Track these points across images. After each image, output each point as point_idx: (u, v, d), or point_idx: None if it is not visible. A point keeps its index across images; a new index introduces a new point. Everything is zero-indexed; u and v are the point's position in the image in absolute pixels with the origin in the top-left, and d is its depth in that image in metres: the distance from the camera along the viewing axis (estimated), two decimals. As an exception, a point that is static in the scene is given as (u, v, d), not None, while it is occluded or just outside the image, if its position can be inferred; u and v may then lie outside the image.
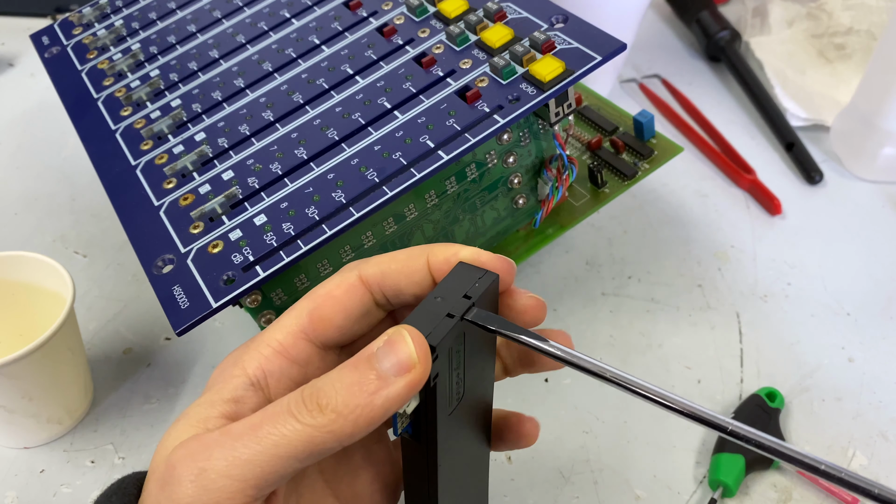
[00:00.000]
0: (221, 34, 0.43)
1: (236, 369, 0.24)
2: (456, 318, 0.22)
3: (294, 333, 0.25)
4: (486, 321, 0.23)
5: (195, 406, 0.24)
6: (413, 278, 0.25)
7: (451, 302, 0.23)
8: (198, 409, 0.24)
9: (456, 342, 0.23)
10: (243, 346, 0.26)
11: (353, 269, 0.25)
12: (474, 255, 0.25)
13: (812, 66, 0.60)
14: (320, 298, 0.25)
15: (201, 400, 0.24)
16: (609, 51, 0.34)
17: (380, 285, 0.25)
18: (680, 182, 0.52)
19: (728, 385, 0.40)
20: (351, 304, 0.25)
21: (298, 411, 0.21)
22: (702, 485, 0.37)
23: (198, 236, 0.33)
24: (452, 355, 0.23)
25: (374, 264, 0.25)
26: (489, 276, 0.24)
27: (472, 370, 0.25)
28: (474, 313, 0.23)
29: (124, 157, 0.37)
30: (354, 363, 0.22)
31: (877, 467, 0.37)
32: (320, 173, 0.34)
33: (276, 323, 0.26)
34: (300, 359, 0.25)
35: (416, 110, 0.35)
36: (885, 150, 0.50)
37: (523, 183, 0.39)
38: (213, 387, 0.25)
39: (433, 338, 0.21)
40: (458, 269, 0.24)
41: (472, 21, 0.38)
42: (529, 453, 0.38)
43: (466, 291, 0.23)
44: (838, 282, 0.45)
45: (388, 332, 0.22)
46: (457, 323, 0.22)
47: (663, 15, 0.68)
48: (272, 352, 0.25)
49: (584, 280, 0.46)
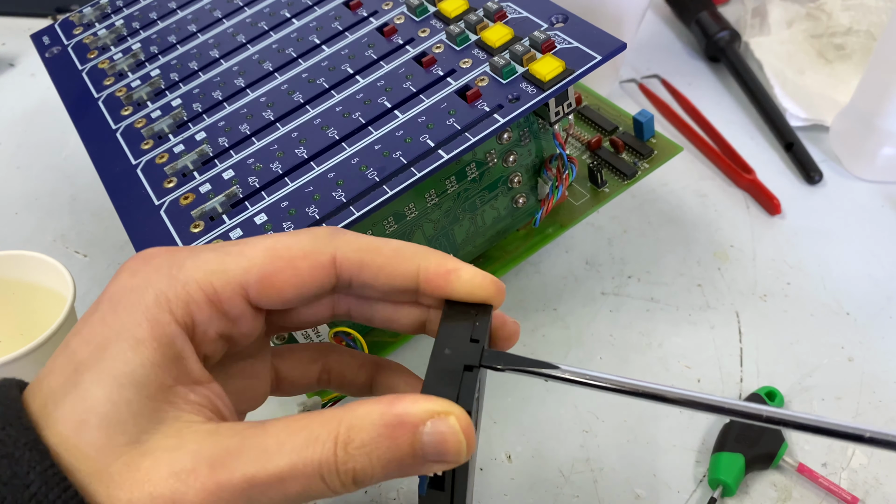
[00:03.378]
0: (222, 34, 0.43)
1: (157, 306, 0.21)
2: (476, 371, 0.21)
3: (234, 288, 0.22)
4: (499, 362, 0.22)
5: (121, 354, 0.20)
6: (394, 280, 0.23)
7: (462, 351, 0.22)
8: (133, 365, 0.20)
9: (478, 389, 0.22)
10: (164, 270, 0.22)
11: (330, 244, 0.23)
12: (472, 276, 0.23)
13: (811, 66, 0.60)
14: (279, 263, 0.22)
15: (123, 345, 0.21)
16: (609, 50, 0.34)
17: (352, 274, 0.23)
18: (680, 182, 0.52)
19: (728, 384, 0.40)
20: (311, 282, 0.23)
21: (329, 475, 0.20)
22: (702, 484, 0.37)
23: (198, 235, 0.33)
24: (476, 402, 0.22)
25: (355, 249, 0.23)
26: (484, 311, 0.23)
27: (478, 412, 0.24)
28: (486, 356, 0.22)
29: (125, 157, 0.37)
30: (392, 435, 0.20)
31: (876, 467, 0.37)
32: (321, 172, 0.34)
33: (217, 260, 0.22)
34: (231, 314, 0.23)
35: (417, 110, 0.35)
36: (884, 150, 0.50)
37: (523, 182, 0.40)
38: (128, 315, 0.21)
39: (464, 402, 0.20)
40: (449, 310, 0.23)
41: (472, 21, 0.38)
42: (529, 453, 0.38)
43: (471, 334, 0.22)
44: (838, 281, 0.45)
45: (432, 408, 0.20)
46: (477, 374, 0.21)
47: (663, 15, 0.68)
48: (204, 298, 0.22)
49: (584, 279, 0.46)
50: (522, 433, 0.39)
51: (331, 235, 0.23)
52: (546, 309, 0.44)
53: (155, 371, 0.21)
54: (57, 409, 0.20)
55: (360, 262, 0.23)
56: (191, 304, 0.22)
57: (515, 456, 0.38)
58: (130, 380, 0.20)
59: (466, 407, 0.20)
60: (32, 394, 0.21)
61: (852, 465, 0.37)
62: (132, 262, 0.23)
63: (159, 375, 0.21)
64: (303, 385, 0.28)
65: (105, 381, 0.20)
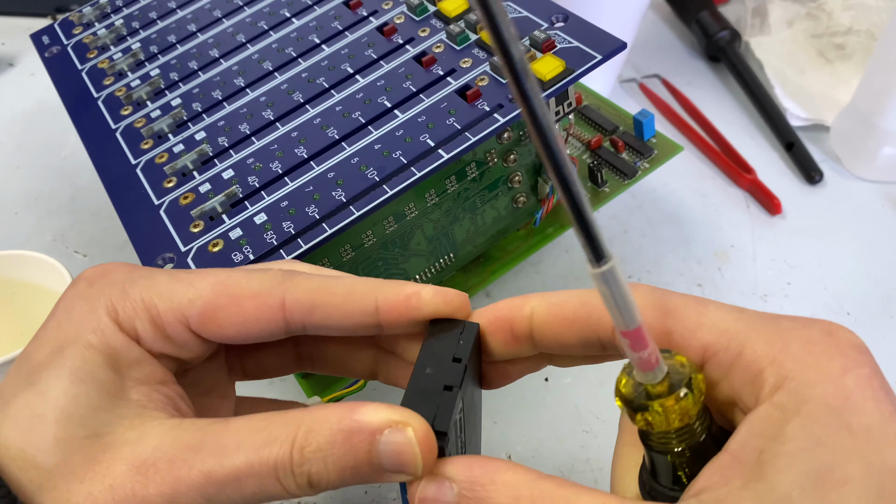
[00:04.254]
0: (222, 33, 0.43)
1: (107, 315, 0.22)
2: (456, 390, 0.21)
3: (175, 314, 0.22)
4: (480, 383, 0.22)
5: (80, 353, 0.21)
6: (351, 319, 0.22)
7: (443, 370, 0.21)
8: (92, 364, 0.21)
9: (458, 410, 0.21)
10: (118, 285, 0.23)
11: (280, 286, 0.22)
12: (435, 295, 0.22)
13: (812, 66, 0.60)
14: (224, 299, 0.22)
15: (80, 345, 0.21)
16: (609, 50, 0.34)
17: (303, 317, 0.22)
18: (680, 181, 0.52)
19: (728, 384, 0.40)
20: (256, 323, 0.22)
21: (284, 477, 0.20)
22: (702, 484, 0.37)
23: (198, 235, 0.33)
24: (457, 424, 0.21)
25: (305, 291, 0.22)
26: (470, 328, 0.22)
27: (469, 420, 0.23)
28: (468, 376, 0.21)
29: (124, 157, 0.37)
30: (349, 441, 0.19)
31: (877, 466, 0.37)
32: (320, 172, 0.34)
33: (167, 285, 0.23)
34: (174, 339, 0.23)
35: (417, 109, 0.35)
36: (884, 149, 0.50)
37: (523, 182, 0.39)
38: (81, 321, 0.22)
39: (440, 422, 0.20)
40: (433, 328, 0.22)
41: (472, 20, 0.38)
42: (530, 452, 0.38)
43: (454, 353, 0.22)
44: (838, 282, 0.45)
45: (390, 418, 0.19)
46: (458, 394, 0.21)
47: (663, 15, 0.68)
48: (148, 318, 0.22)
49: (584, 279, 0.46)
50: (522, 433, 0.39)
51: (283, 277, 0.23)
52: (546, 309, 0.44)
53: (114, 369, 0.21)
54: (9, 406, 0.20)
55: (310, 305, 0.22)
56: (136, 321, 0.22)
57: (515, 456, 0.38)
58: (90, 376, 0.21)
59: (441, 428, 0.20)
60: None
61: (853, 465, 0.37)
62: (89, 273, 0.24)
63: (120, 373, 0.21)
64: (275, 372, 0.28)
65: (63, 377, 0.20)
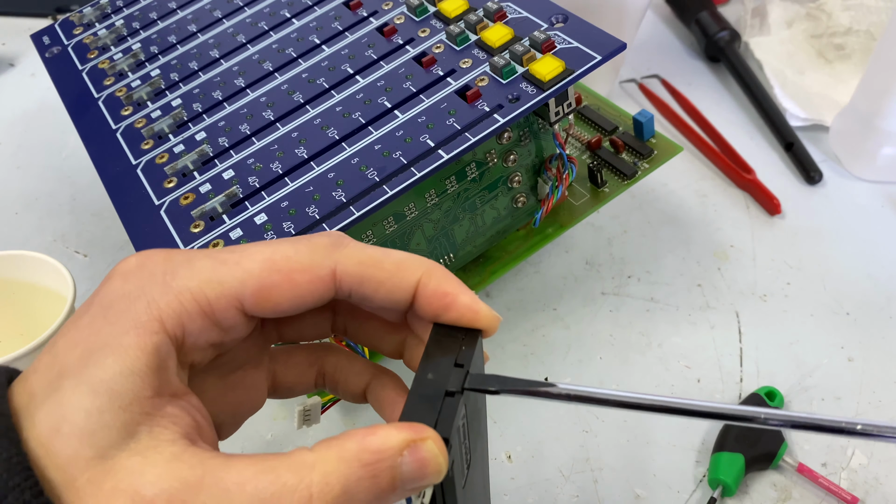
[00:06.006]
0: (222, 34, 0.43)
1: (148, 315, 0.21)
2: (458, 396, 0.21)
3: (228, 299, 0.22)
4: (485, 384, 0.22)
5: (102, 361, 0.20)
6: (394, 294, 0.22)
7: (445, 376, 0.21)
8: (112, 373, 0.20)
9: (461, 416, 0.21)
10: (158, 276, 0.22)
11: (330, 256, 0.22)
12: (470, 303, 0.22)
13: (811, 66, 0.60)
14: (277, 276, 0.22)
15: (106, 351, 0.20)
16: (609, 50, 0.34)
17: (352, 287, 0.22)
18: (679, 182, 0.52)
19: (727, 384, 0.41)
20: (310, 296, 0.22)
21: None
22: (701, 484, 0.37)
23: (198, 235, 0.33)
24: (460, 430, 0.21)
25: (357, 262, 0.22)
26: (472, 335, 0.22)
27: (473, 428, 0.23)
28: (471, 380, 0.21)
29: (125, 157, 0.37)
30: (373, 474, 0.19)
31: (876, 466, 0.37)
32: (321, 172, 0.34)
33: (212, 269, 0.22)
34: (225, 324, 0.22)
35: (417, 109, 0.35)
36: (884, 149, 0.50)
37: (523, 182, 0.40)
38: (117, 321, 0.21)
39: (443, 428, 0.20)
40: (436, 333, 0.22)
41: (472, 21, 0.38)
42: (530, 452, 0.38)
43: (456, 359, 0.22)
44: (838, 282, 0.45)
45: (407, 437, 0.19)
46: (460, 400, 0.21)
47: (663, 15, 0.68)
48: (197, 309, 0.21)
49: (584, 279, 0.46)
50: (522, 433, 0.39)
51: (331, 247, 0.22)
52: (546, 309, 0.44)
53: (133, 380, 0.20)
54: (38, 410, 0.20)
55: (360, 277, 0.22)
56: (182, 315, 0.21)
57: (515, 456, 0.38)
58: (106, 388, 0.20)
59: (444, 434, 0.20)
60: (19, 389, 0.21)
61: (852, 464, 0.37)
62: (126, 265, 0.23)
63: (137, 385, 0.20)
64: (299, 389, 0.28)
65: (82, 389, 0.20)
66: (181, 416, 0.21)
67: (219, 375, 0.25)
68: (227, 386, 0.25)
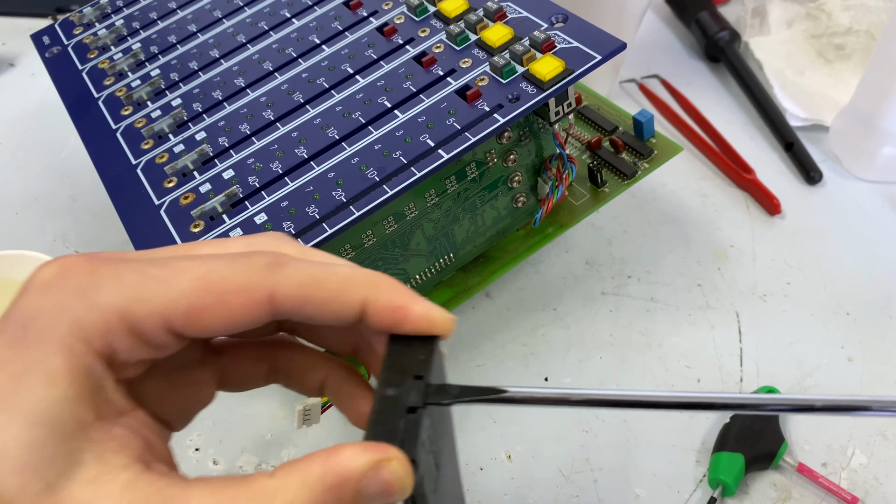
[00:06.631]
0: (222, 34, 0.43)
1: (73, 336, 0.19)
2: (420, 412, 0.20)
3: (156, 319, 0.20)
4: (446, 396, 0.21)
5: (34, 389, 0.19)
6: (341, 315, 0.21)
7: (406, 391, 0.20)
8: (48, 402, 0.19)
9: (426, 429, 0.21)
10: (80, 292, 0.20)
11: (268, 278, 0.21)
12: (424, 312, 0.21)
13: (811, 66, 0.60)
14: (209, 297, 0.20)
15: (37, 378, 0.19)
16: (609, 50, 0.34)
17: (292, 309, 0.21)
18: (679, 182, 0.52)
19: (727, 384, 0.41)
20: (244, 319, 0.21)
21: None
22: (701, 483, 0.37)
23: (198, 235, 0.33)
24: (426, 443, 0.21)
25: (297, 284, 0.21)
26: (430, 342, 0.22)
27: (440, 432, 0.23)
28: (432, 393, 0.21)
29: (125, 157, 0.37)
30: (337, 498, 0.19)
31: (876, 466, 0.37)
32: (321, 172, 0.34)
33: (140, 285, 0.20)
34: (155, 343, 0.21)
35: (417, 109, 0.35)
36: (884, 149, 0.50)
37: (523, 182, 0.40)
38: (41, 343, 0.19)
39: (409, 447, 0.19)
40: (392, 345, 0.22)
41: (472, 20, 0.38)
42: (529, 453, 0.38)
43: (415, 371, 0.21)
44: (838, 282, 0.45)
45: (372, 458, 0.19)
46: (422, 415, 0.20)
47: (663, 15, 0.68)
48: (123, 328, 0.20)
49: (584, 279, 0.46)
50: (522, 433, 0.39)
51: (270, 267, 0.21)
52: (546, 309, 0.44)
53: (72, 407, 0.19)
54: None
55: (301, 299, 0.21)
56: (109, 335, 0.20)
57: (515, 456, 0.38)
58: (45, 418, 0.19)
59: (410, 453, 0.19)
60: None
61: (852, 464, 0.37)
62: (44, 275, 0.21)
63: (77, 412, 0.19)
64: (250, 383, 0.26)
65: (18, 421, 0.18)
66: (130, 438, 0.20)
67: (161, 375, 0.23)
68: (170, 384, 0.24)
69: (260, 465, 0.38)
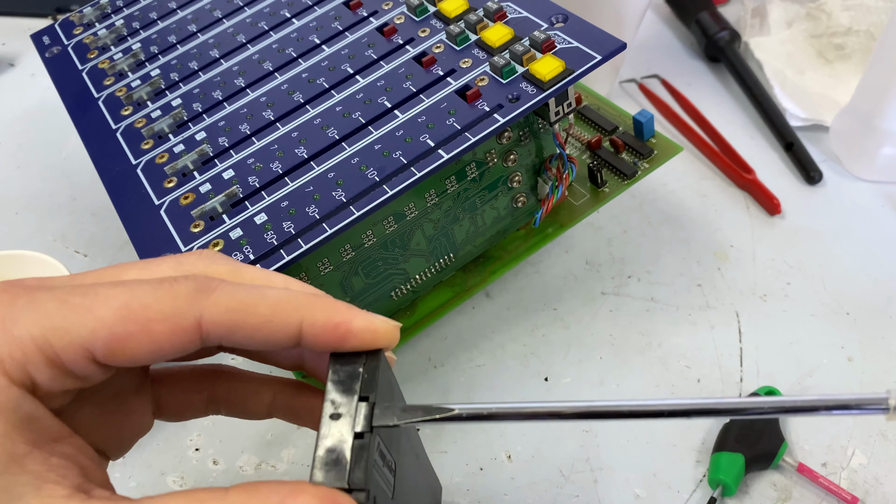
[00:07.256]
0: (222, 34, 0.43)
1: None
2: (368, 436, 0.20)
3: (77, 349, 0.19)
4: (393, 417, 0.20)
5: None
6: (275, 339, 0.20)
7: (351, 414, 0.20)
8: None
9: (375, 449, 0.20)
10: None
11: (194, 305, 0.20)
12: (366, 325, 0.20)
13: (811, 66, 0.60)
14: (132, 327, 0.19)
15: None
16: (609, 50, 0.34)
17: (221, 336, 0.20)
18: (679, 182, 0.52)
19: (727, 384, 0.41)
20: (170, 347, 0.20)
21: None
22: (701, 484, 0.37)
23: (198, 235, 0.33)
24: (378, 462, 0.20)
25: (226, 310, 0.20)
26: (374, 357, 0.21)
27: (395, 440, 0.22)
28: (378, 414, 0.20)
29: (125, 157, 0.38)
30: None
31: (876, 466, 0.37)
32: (321, 172, 0.34)
33: (59, 315, 0.19)
34: (76, 373, 0.20)
35: (417, 109, 0.35)
36: (884, 149, 0.50)
37: (523, 182, 0.40)
38: None
39: (356, 479, 0.19)
40: (334, 364, 0.21)
41: (472, 20, 0.38)
42: (529, 453, 0.38)
43: (360, 392, 0.20)
44: (838, 281, 0.45)
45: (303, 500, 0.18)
46: (370, 439, 0.20)
47: (663, 15, 0.68)
48: (43, 359, 0.19)
49: (584, 279, 0.46)
50: (522, 433, 0.39)
51: (196, 293, 0.20)
52: (546, 309, 0.44)
53: (2, 442, 0.18)
54: None
55: (230, 325, 0.20)
56: (28, 366, 0.19)
57: (515, 456, 0.38)
58: None
59: (357, 484, 0.19)
60: None
61: (852, 464, 0.37)
62: None
63: (8, 446, 0.18)
64: (189, 414, 0.25)
65: None
66: (68, 467, 0.20)
67: (95, 404, 0.23)
68: (105, 413, 0.23)
69: (260, 465, 0.38)
